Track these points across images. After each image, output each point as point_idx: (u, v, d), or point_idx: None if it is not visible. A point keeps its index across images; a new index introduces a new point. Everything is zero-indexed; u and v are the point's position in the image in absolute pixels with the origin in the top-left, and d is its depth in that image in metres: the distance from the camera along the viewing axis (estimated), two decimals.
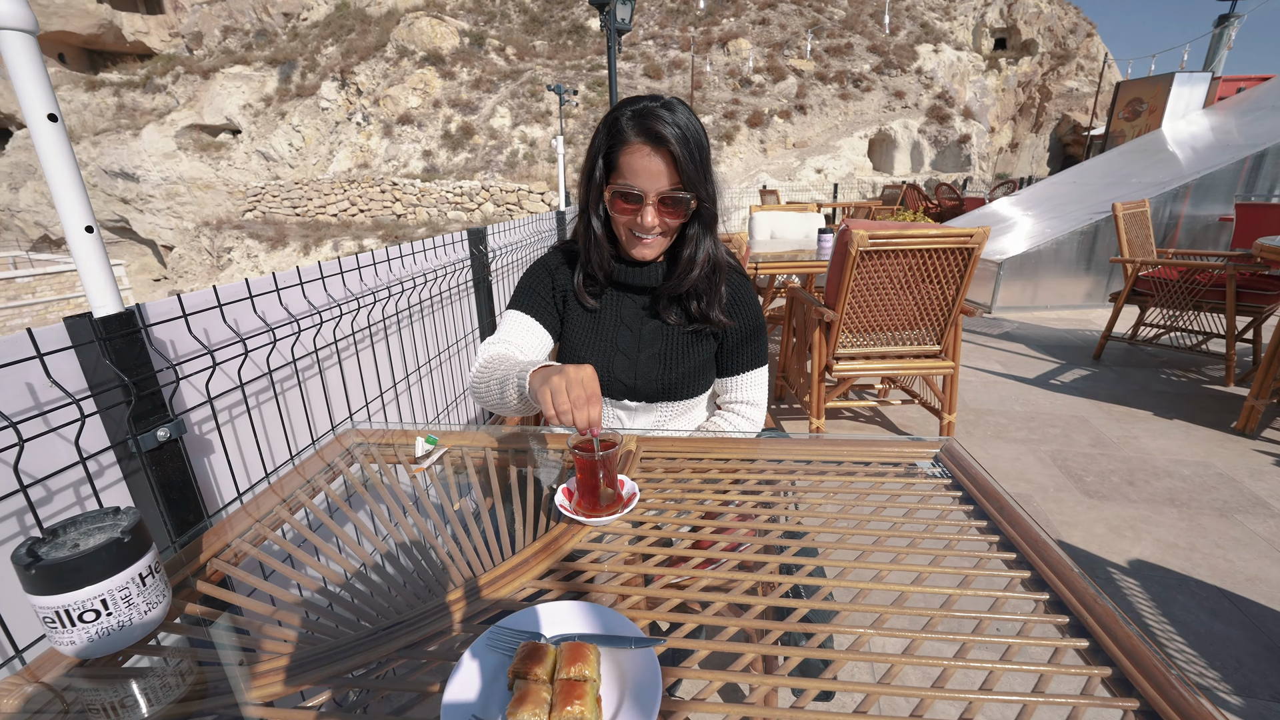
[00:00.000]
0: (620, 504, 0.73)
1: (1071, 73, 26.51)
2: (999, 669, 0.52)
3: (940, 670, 0.52)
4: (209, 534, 0.73)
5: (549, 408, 0.69)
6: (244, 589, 0.68)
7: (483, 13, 27.86)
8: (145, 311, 0.83)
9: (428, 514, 0.79)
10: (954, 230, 2.12)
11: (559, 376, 0.70)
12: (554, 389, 0.69)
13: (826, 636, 0.57)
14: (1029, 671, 0.51)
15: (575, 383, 0.69)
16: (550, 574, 0.65)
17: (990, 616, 0.57)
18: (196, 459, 0.94)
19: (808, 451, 0.92)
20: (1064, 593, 0.60)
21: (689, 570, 0.65)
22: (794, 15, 25.98)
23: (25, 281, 15.71)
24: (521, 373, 0.83)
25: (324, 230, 19.31)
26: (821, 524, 0.75)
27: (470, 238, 2.00)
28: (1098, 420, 2.79)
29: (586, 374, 0.70)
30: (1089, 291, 5.04)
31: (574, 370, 0.70)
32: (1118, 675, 0.50)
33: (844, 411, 3.02)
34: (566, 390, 0.69)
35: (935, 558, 0.66)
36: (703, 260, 1.02)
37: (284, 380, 1.12)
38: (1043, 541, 0.67)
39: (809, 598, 0.62)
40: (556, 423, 0.70)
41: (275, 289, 1.05)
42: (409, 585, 0.66)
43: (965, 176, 18.48)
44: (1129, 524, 1.99)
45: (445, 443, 0.95)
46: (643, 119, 0.91)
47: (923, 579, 0.63)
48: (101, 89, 25.89)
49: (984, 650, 0.54)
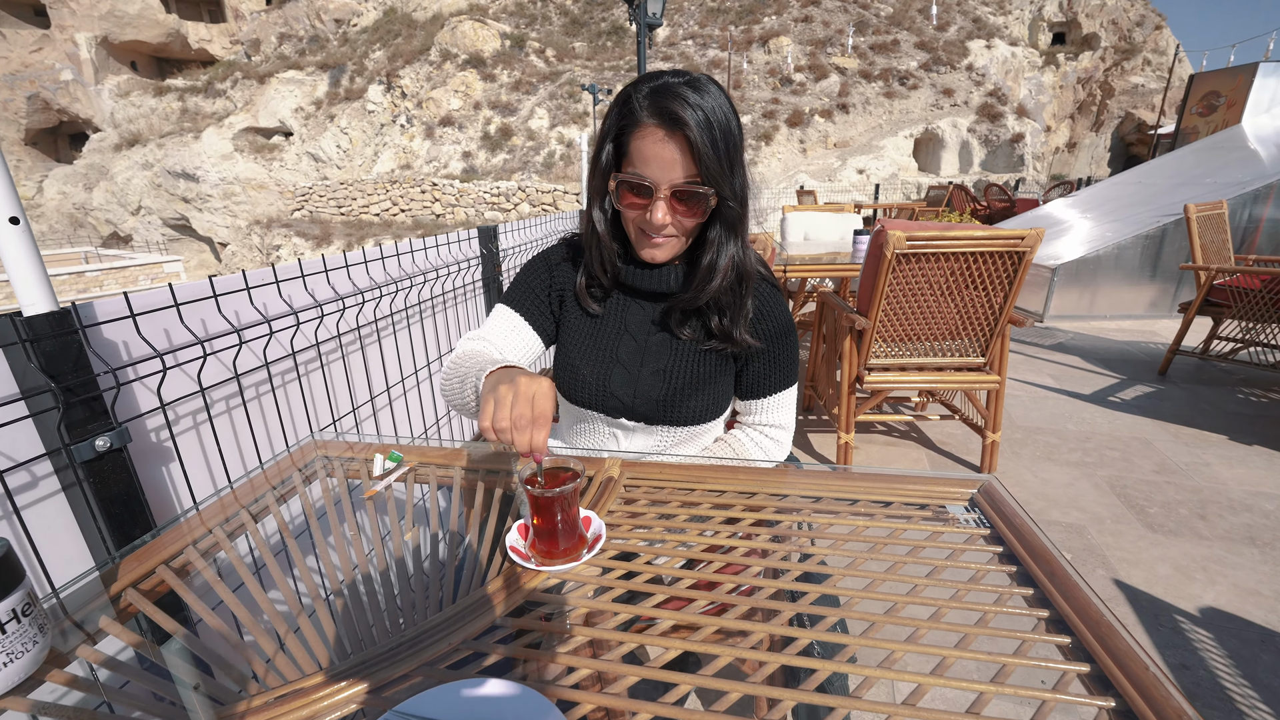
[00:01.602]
0: (584, 547, 0.62)
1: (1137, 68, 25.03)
2: None
3: None
4: (130, 559, 0.65)
5: (485, 420, 0.58)
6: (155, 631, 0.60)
7: (524, 15, 28.25)
8: (90, 311, 0.77)
9: (370, 546, 0.70)
10: (1003, 232, 1.93)
11: (507, 387, 0.59)
12: (498, 400, 0.58)
13: None
14: None
15: (523, 398, 0.58)
16: (490, 632, 0.55)
17: None
18: (151, 470, 0.88)
19: (818, 486, 0.78)
20: (1136, 701, 0.45)
21: (656, 639, 0.53)
22: (838, 12, 25.37)
23: (94, 275, 16.74)
24: (480, 372, 0.73)
25: (366, 229, 19.90)
26: (825, 582, 0.62)
27: (480, 236, 1.92)
28: (1163, 443, 2.53)
29: (540, 390, 0.59)
30: (1153, 300, 4.66)
31: (526, 383, 0.59)
32: None
33: (876, 425, 2.83)
34: (511, 405, 0.57)
35: (965, 637, 0.53)
36: (725, 268, 0.87)
37: (259, 385, 1.06)
38: (1107, 624, 0.52)
39: (802, 683, 0.49)
40: (493, 440, 0.59)
41: (245, 288, 0.98)
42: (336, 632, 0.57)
43: (1018, 177, 17.63)
44: (1200, 565, 1.76)
45: (412, 460, 0.86)
46: (659, 97, 0.77)
47: (945, 667, 0.50)
48: (167, 94, 27.40)
49: None
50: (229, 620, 0.59)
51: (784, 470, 0.84)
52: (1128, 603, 1.62)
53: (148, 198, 23.96)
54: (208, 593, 0.64)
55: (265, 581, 0.64)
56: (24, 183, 27.61)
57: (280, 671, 0.52)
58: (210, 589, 0.63)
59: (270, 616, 0.59)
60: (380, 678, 0.50)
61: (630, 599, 0.60)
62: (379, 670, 0.51)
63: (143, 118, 26.94)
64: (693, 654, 0.53)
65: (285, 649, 0.55)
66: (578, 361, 0.97)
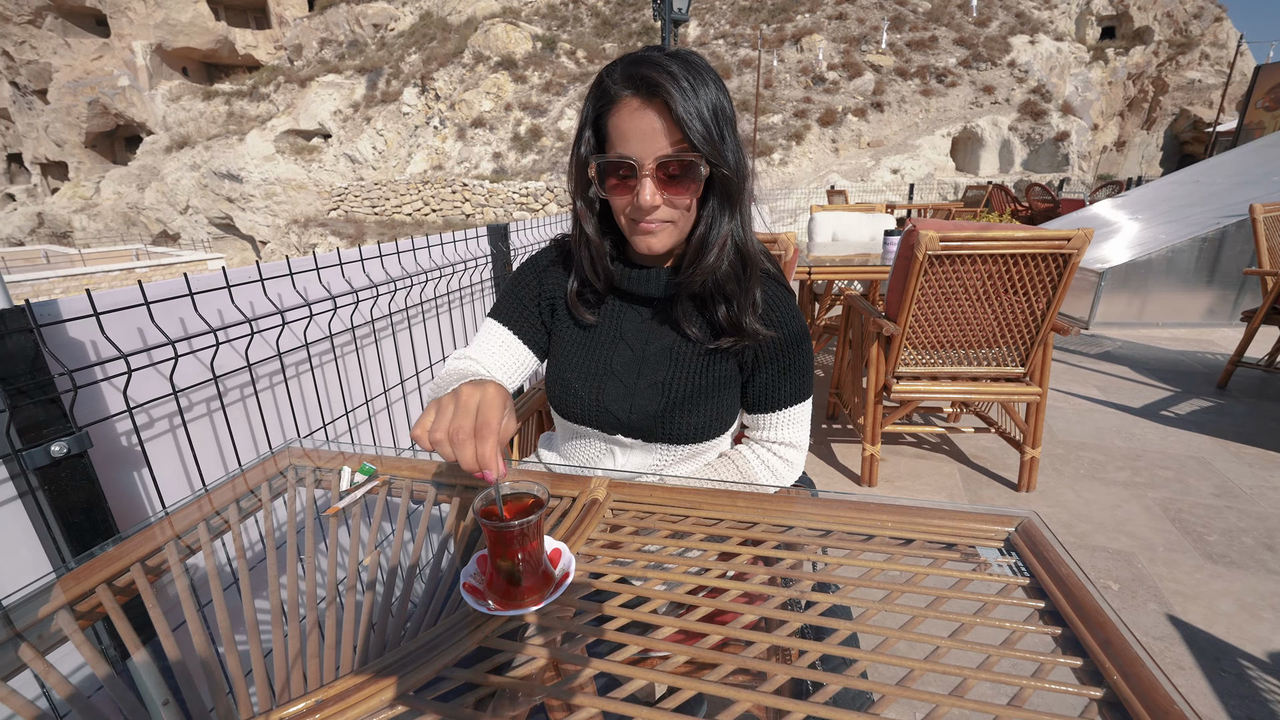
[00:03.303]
0: (548, 587, 0.54)
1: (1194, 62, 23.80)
2: None
3: None
4: (71, 576, 0.60)
5: (417, 429, 0.52)
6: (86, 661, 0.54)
7: (556, 17, 28.47)
8: (51, 309, 0.73)
9: (326, 569, 0.64)
10: (1046, 233, 1.78)
11: (449, 397, 0.52)
12: (438, 410, 0.52)
13: None
14: None
15: (463, 410, 0.51)
16: (434, 684, 0.48)
17: None
18: (121, 477, 0.84)
19: (829, 517, 0.69)
20: None
21: (625, 705, 0.45)
22: (874, 9, 24.82)
23: (143, 272, 17.50)
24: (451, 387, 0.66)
25: (399, 228, 20.31)
26: (827, 640, 0.53)
27: (491, 234, 1.87)
28: (1223, 463, 2.32)
29: (485, 398, 0.52)
30: (1211, 308, 4.35)
31: (468, 392, 0.52)
32: None
33: (906, 437, 2.68)
34: (451, 416, 0.51)
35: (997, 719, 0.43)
36: (720, 242, 0.78)
37: (243, 387, 1.02)
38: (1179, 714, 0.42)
39: None
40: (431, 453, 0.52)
41: (225, 285, 0.93)
42: (286, 666, 0.51)
43: (1062, 177, 16.93)
44: (1269, 602, 1.59)
45: (385, 473, 0.80)
46: (631, 66, 0.72)
47: None
48: (215, 98, 28.52)
49: None
50: (186, 637, 0.53)
51: (790, 498, 0.74)
52: (1183, 642, 1.46)
53: (195, 197, 24.96)
54: (173, 608, 0.58)
55: (228, 598, 0.59)
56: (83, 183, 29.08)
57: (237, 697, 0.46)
58: (175, 602, 0.58)
59: (227, 646, 0.53)
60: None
61: (602, 649, 0.52)
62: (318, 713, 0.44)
63: (192, 121, 28.11)
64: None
65: (232, 693, 0.48)
66: (569, 374, 0.89)
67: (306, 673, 0.50)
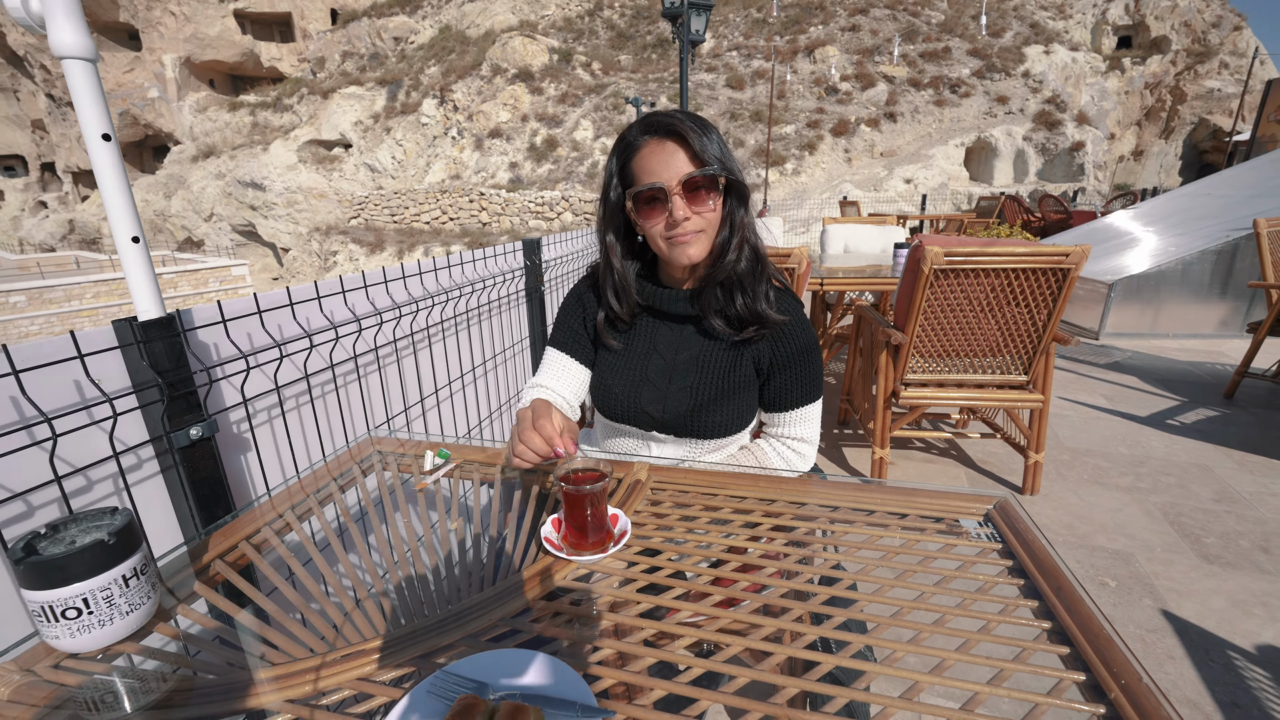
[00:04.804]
0: (610, 541, 0.67)
1: (1213, 71, 23.58)
2: None
3: None
4: (216, 535, 0.75)
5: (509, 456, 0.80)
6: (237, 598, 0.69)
7: (572, 30, 28.92)
8: (188, 317, 0.88)
9: (421, 532, 0.78)
10: (1046, 249, 1.90)
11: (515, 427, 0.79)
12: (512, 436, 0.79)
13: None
14: None
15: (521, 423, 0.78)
16: (523, 614, 0.61)
17: None
18: (232, 457, 0.99)
19: (836, 496, 0.82)
20: (1125, 708, 0.48)
21: (672, 626, 0.59)
22: (887, 20, 24.94)
23: (169, 277, 17.98)
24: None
25: (417, 236, 20.69)
26: (836, 586, 0.65)
27: (525, 248, 2.02)
28: (1225, 470, 2.40)
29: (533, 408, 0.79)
30: (1223, 320, 4.39)
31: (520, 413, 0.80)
32: None
33: (915, 442, 2.78)
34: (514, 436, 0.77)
35: (966, 642, 0.56)
36: (738, 244, 0.94)
37: (324, 384, 1.17)
38: (1107, 637, 0.54)
39: (807, 672, 0.53)
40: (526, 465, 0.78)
41: (317, 297, 1.09)
42: (392, 605, 0.65)
43: (1077, 187, 16.86)
44: (1261, 600, 1.67)
45: (457, 458, 0.94)
46: (648, 119, 0.91)
47: (945, 667, 0.53)
48: (240, 109, 29.29)
49: None
50: (302, 593, 0.68)
51: (804, 480, 0.87)
52: (1175, 634, 1.56)
53: (219, 205, 25.63)
54: (281, 567, 0.72)
55: (329, 559, 0.73)
56: None
57: (346, 636, 0.60)
58: (284, 563, 0.72)
59: (335, 590, 0.67)
60: (429, 645, 0.57)
61: (652, 591, 0.65)
62: (428, 639, 0.58)
63: (217, 131, 28.90)
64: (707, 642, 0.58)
65: (349, 618, 0.62)
66: (611, 380, 1.04)
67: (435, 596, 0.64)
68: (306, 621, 0.63)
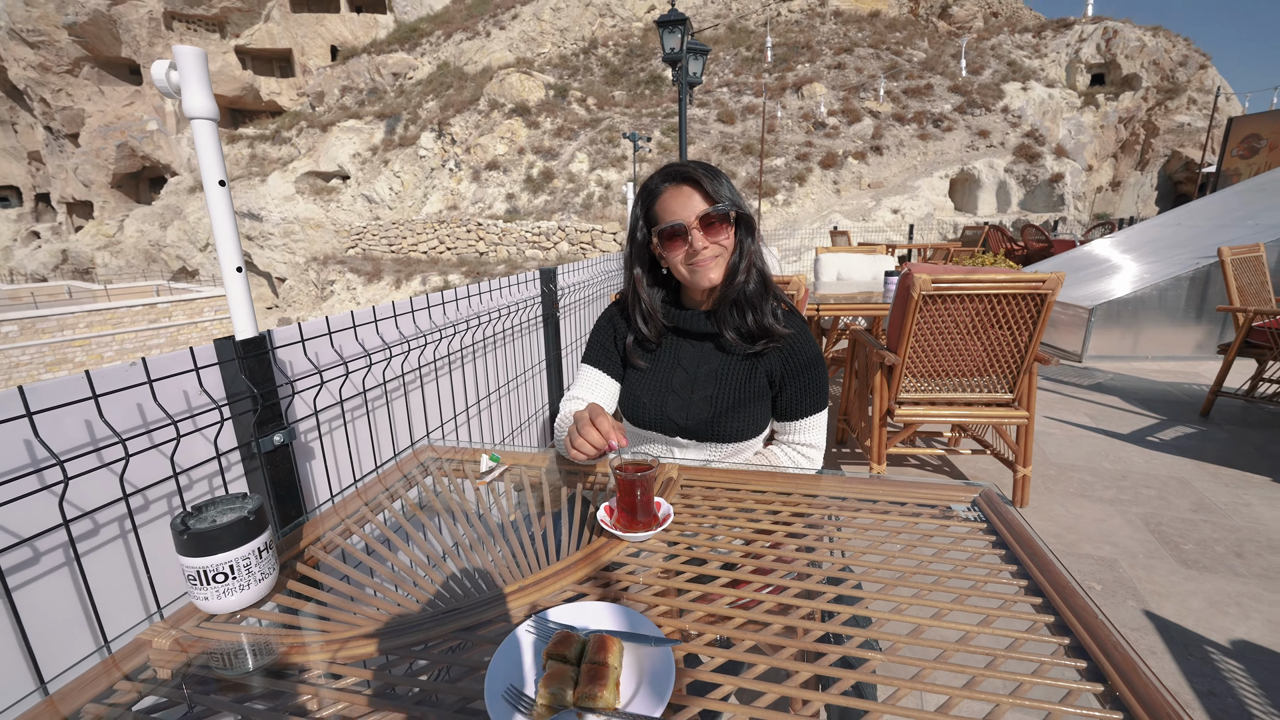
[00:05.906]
0: (656, 523, 0.79)
1: (1182, 106, 24.65)
2: (1006, 702, 0.53)
3: (947, 699, 0.54)
4: (306, 526, 0.86)
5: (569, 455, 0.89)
6: (334, 573, 0.80)
7: (567, 67, 29.84)
8: (272, 336, 1.01)
9: (487, 522, 0.89)
10: (1025, 275, 2.06)
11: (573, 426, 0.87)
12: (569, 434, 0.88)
13: (838, 657, 0.60)
14: (1038, 709, 0.53)
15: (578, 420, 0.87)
16: (589, 580, 0.73)
17: (1007, 655, 0.59)
18: (301, 462, 1.10)
19: (843, 489, 0.94)
20: (1085, 639, 0.59)
21: (716, 588, 0.70)
22: (870, 59, 25.99)
23: (164, 307, 18.01)
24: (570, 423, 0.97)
25: (414, 266, 20.91)
26: (847, 557, 0.77)
27: (542, 277, 2.17)
28: (1202, 483, 2.54)
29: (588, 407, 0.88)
30: (1200, 342, 4.60)
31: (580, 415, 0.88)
32: (1129, 718, 0.50)
33: (909, 459, 2.91)
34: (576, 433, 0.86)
35: (959, 595, 0.68)
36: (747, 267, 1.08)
37: (374, 399, 1.29)
38: (1071, 587, 0.66)
39: (825, 621, 0.65)
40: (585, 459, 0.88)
41: (374, 320, 1.22)
42: (468, 581, 0.76)
43: (1058, 217, 17.41)
44: (1234, 600, 1.79)
45: (506, 461, 1.06)
46: (667, 169, 1.08)
47: (942, 614, 0.65)
48: (239, 142, 29.74)
49: (996, 685, 0.55)
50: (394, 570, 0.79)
51: (815, 476, 1.00)
52: (1156, 632, 1.67)
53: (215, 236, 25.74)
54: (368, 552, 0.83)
55: (403, 543, 0.84)
56: (107, 221, 30.22)
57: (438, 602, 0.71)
58: (367, 547, 0.83)
59: (421, 567, 0.78)
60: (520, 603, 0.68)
61: (698, 564, 0.76)
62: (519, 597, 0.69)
63: None
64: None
65: (441, 589, 0.74)
66: (639, 391, 1.17)
67: (512, 571, 0.75)
68: (400, 590, 0.74)
